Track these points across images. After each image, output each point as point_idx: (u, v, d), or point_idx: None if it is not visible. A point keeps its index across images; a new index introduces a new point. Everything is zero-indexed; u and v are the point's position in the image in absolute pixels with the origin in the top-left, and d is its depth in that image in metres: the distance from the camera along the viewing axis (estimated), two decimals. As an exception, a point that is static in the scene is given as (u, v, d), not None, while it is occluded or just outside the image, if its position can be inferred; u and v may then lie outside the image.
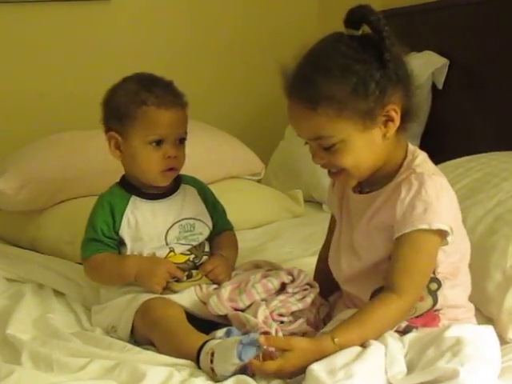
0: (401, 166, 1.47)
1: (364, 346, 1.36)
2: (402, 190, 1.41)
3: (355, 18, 1.42)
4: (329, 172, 1.51)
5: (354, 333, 1.38)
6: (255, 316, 1.50)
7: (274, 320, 1.52)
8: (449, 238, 1.42)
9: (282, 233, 2.52)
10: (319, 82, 1.39)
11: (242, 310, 1.57)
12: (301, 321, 1.54)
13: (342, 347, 1.34)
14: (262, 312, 1.52)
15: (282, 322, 1.55)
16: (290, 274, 1.65)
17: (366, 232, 1.48)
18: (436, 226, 1.39)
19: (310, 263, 1.92)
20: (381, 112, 1.40)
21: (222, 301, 1.58)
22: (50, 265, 2.21)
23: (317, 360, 1.32)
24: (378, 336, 1.39)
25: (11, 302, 1.91)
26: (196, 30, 3.47)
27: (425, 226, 1.39)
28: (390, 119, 1.41)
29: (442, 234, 1.41)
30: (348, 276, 1.54)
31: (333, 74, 1.39)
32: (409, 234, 1.39)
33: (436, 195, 1.39)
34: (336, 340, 1.35)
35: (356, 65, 1.38)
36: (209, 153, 2.70)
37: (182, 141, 1.81)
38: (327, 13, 3.64)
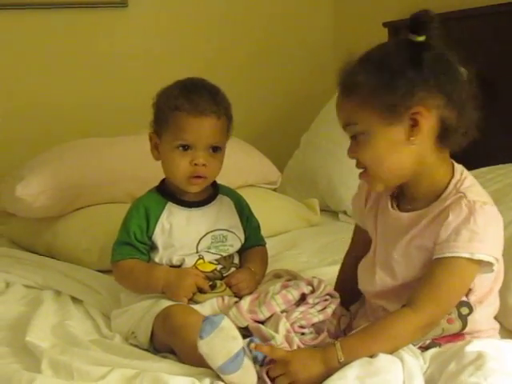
0: (447, 185, 1.45)
1: (372, 357, 1.35)
2: (450, 215, 1.38)
3: (413, 22, 1.42)
4: (359, 174, 1.50)
5: (360, 344, 1.37)
6: (276, 329, 1.49)
7: (294, 332, 1.51)
8: (494, 268, 1.41)
9: (298, 242, 2.52)
10: (356, 72, 1.43)
11: (262, 322, 1.56)
12: (324, 335, 1.53)
13: (347, 359, 1.35)
14: (283, 325, 1.51)
15: (302, 334, 1.54)
16: (309, 284, 1.64)
17: (406, 251, 1.46)
18: (478, 256, 1.37)
19: (327, 273, 1.92)
20: (406, 110, 1.39)
21: (241, 312, 1.57)
22: (67, 272, 2.21)
23: (320, 367, 1.34)
24: (391, 350, 1.37)
25: (29, 309, 1.92)
26: (214, 38, 3.48)
27: (466, 255, 1.37)
28: (416, 123, 1.39)
29: (483, 264, 1.39)
30: (379, 292, 1.52)
31: (370, 66, 1.42)
32: (448, 259, 1.38)
33: (484, 225, 1.37)
34: (340, 354, 1.35)
35: (393, 60, 1.40)
36: (226, 161, 2.68)
37: (215, 149, 1.80)
38: (342, 28, 3.66)
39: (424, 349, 1.43)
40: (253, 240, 1.93)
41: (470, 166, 2.06)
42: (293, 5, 3.65)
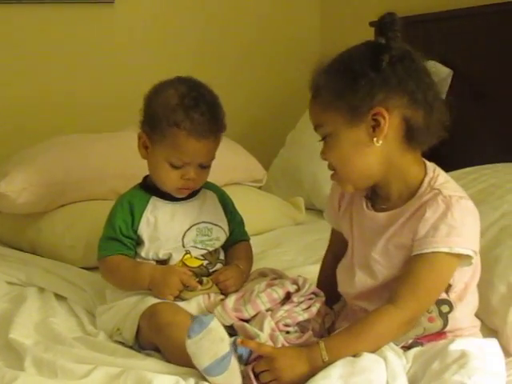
0: (421, 183, 1.46)
1: (356, 356, 1.36)
2: (427, 211, 1.39)
3: (378, 24, 1.44)
4: (330, 175, 1.52)
5: (344, 344, 1.38)
6: (261, 327, 1.49)
7: (279, 330, 1.51)
8: (473, 260, 1.42)
9: (283, 240, 2.52)
10: (322, 75, 1.46)
11: (247, 321, 1.56)
12: (308, 334, 1.53)
13: (331, 358, 1.35)
14: (268, 324, 1.51)
15: (287, 332, 1.54)
16: (294, 283, 1.64)
17: (385, 250, 1.47)
18: (457, 250, 1.38)
19: (312, 271, 1.91)
20: (367, 112, 1.40)
21: (226, 311, 1.57)
22: (51, 269, 2.20)
23: (305, 366, 1.35)
24: (374, 348, 1.38)
25: (12, 306, 1.91)
26: (202, 35, 3.47)
27: (445, 249, 1.38)
28: (378, 124, 1.40)
29: (462, 258, 1.41)
30: (359, 293, 1.52)
31: (334, 69, 1.45)
32: (427, 254, 1.39)
33: (461, 219, 1.38)
34: (324, 354, 1.36)
35: (355, 62, 1.41)
36: (211, 159, 2.69)
37: (204, 166, 1.80)
38: (329, 28, 3.67)
39: (407, 348, 1.44)
40: (237, 235, 1.94)
41: (455, 166, 2.08)
42: (280, 4, 3.64)
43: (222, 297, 1.74)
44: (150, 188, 1.86)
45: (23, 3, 3.10)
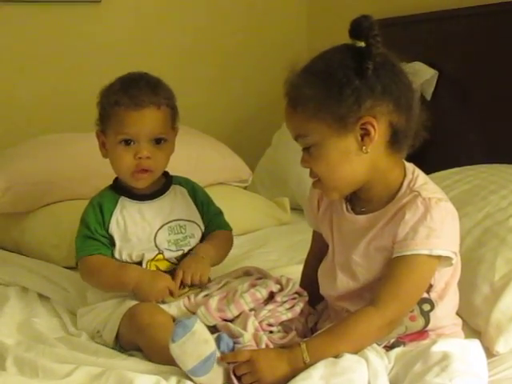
0: (401, 185, 1.45)
1: (337, 357, 1.35)
2: (407, 213, 1.39)
3: (353, 28, 1.41)
4: (313, 183, 1.50)
5: (326, 345, 1.37)
6: (244, 327, 1.49)
7: (263, 330, 1.51)
8: (453, 261, 1.42)
9: (268, 240, 2.52)
10: (302, 84, 1.41)
11: (231, 321, 1.55)
12: (292, 334, 1.53)
13: (312, 359, 1.34)
14: (252, 324, 1.50)
15: (271, 332, 1.54)
16: (278, 282, 1.64)
17: (366, 253, 1.46)
18: (436, 252, 1.38)
19: (296, 271, 1.91)
20: (355, 121, 1.37)
21: (210, 311, 1.57)
22: (34, 268, 2.19)
23: (286, 368, 1.34)
24: (356, 350, 1.38)
25: (-5, 306, 1.90)
26: (187, 36, 3.46)
27: (425, 252, 1.38)
28: (367, 133, 1.38)
29: (442, 259, 1.41)
30: (341, 295, 1.52)
31: (315, 77, 1.40)
32: (407, 256, 1.39)
33: (441, 221, 1.38)
34: (305, 355, 1.35)
35: (338, 70, 1.37)
36: (196, 158, 2.69)
37: (158, 141, 1.79)
38: (316, 28, 3.67)
39: (389, 348, 1.44)
40: (214, 226, 1.92)
41: (440, 167, 2.09)
42: (266, 5, 3.64)
43: (203, 294, 1.73)
44: (119, 188, 1.86)
45: (7, 3, 3.07)
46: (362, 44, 1.39)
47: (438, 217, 1.38)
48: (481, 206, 1.83)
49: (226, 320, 1.55)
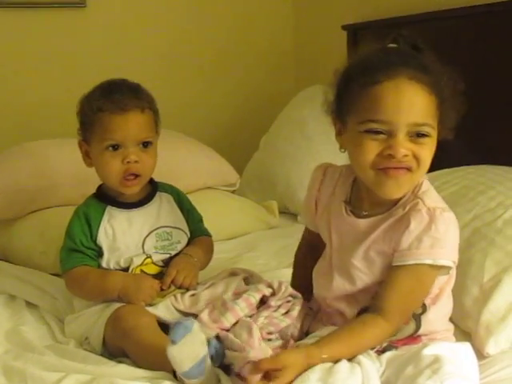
0: None
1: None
2: (412, 222, 1.39)
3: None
4: (400, 176, 1.41)
5: (337, 349, 1.36)
6: (249, 336, 1.44)
7: (263, 338, 1.48)
8: (451, 271, 1.44)
9: (257, 244, 2.51)
10: (440, 72, 1.42)
11: (228, 330, 1.53)
12: (291, 343, 1.51)
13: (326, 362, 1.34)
14: (256, 333, 1.45)
15: (269, 340, 1.52)
16: (269, 286, 1.63)
17: (365, 257, 1.46)
18: (440, 262, 1.39)
19: (286, 275, 1.91)
20: None
21: (205, 324, 1.54)
22: (22, 275, 2.17)
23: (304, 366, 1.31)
24: (355, 355, 1.38)
25: (-18, 314, 1.88)
26: (173, 39, 3.46)
27: (429, 261, 1.39)
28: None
29: (442, 268, 1.42)
30: (336, 297, 1.52)
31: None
32: (411, 266, 1.39)
33: (445, 232, 1.39)
34: (324, 357, 1.34)
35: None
36: (184, 163, 2.68)
37: (145, 145, 1.79)
38: (302, 32, 3.67)
39: (380, 352, 1.43)
40: (197, 232, 1.93)
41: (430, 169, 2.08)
42: (253, 8, 3.63)
43: (190, 293, 1.73)
44: (104, 197, 1.85)
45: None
46: None
47: (442, 227, 1.39)
48: (469, 207, 1.83)
49: (223, 329, 1.52)
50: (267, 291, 1.61)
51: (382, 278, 1.44)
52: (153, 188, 1.89)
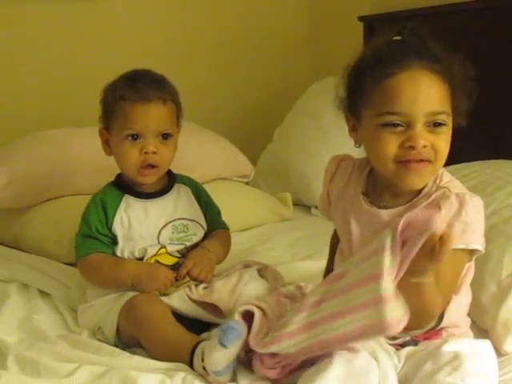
0: None
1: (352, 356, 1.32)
2: (442, 209, 1.35)
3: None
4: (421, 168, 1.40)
5: None
6: None
7: None
8: (470, 263, 1.43)
9: (271, 236, 2.50)
10: (453, 60, 1.41)
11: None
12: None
13: None
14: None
15: None
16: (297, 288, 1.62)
17: None
18: (472, 246, 1.38)
19: (299, 267, 1.94)
20: None
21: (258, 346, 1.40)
22: (35, 264, 2.17)
23: None
24: None
25: (-5, 302, 1.88)
26: (185, 29, 3.44)
27: (462, 246, 1.37)
28: None
29: (473, 253, 1.41)
30: None
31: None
32: None
33: (474, 216, 1.38)
34: None
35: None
36: (198, 154, 2.67)
37: (165, 136, 1.78)
38: (317, 22, 3.65)
39: (400, 346, 1.42)
40: (214, 225, 1.92)
41: (446, 163, 2.07)
42: (267, -1, 3.62)
43: (203, 285, 1.73)
44: (122, 185, 1.84)
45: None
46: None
47: (472, 212, 1.38)
48: (487, 202, 1.79)
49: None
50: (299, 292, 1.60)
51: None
52: (171, 179, 1.88)
